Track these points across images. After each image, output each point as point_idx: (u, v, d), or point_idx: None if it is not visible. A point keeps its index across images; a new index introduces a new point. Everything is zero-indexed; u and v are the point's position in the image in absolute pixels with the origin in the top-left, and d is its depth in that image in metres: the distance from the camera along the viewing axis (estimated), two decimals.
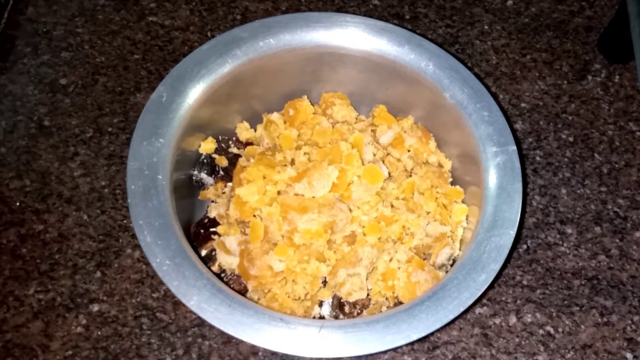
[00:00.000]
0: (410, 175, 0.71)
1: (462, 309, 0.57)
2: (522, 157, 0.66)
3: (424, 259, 0.66)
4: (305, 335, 0.55)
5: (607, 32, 0.88)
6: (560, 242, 0.75)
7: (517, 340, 0.69)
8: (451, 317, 0.57)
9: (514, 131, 0.66)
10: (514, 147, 0.65)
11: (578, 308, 0.71)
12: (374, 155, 0.69)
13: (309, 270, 0.62)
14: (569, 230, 0.76)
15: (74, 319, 0.66)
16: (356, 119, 0.75)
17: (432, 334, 0.57)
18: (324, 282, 0.65)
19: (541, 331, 0.69)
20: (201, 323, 0.67)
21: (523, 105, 0.83)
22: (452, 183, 0.72)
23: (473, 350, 0.68)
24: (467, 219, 0.69)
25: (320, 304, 0.66)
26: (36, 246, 0.70)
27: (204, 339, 0.66)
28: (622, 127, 0.83)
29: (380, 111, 0.74)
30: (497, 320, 0.70)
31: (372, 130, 0.72)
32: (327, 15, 0.70)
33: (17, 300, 0.67)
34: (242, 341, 0.65)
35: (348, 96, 0.76)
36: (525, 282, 0.71)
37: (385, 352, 0.58)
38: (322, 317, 0.66)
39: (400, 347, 0.57)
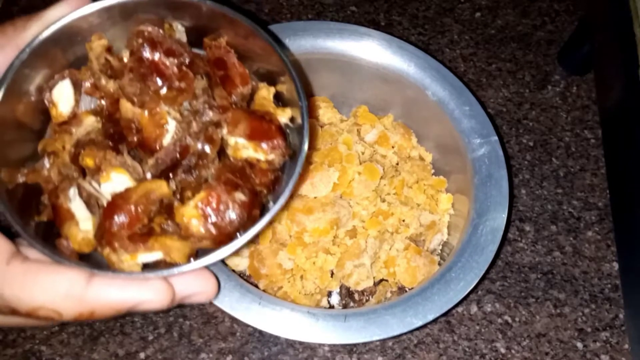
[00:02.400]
0: (397, 170, 0.73)
1: (469, 289, 0.59)
2: (504, 147, 0.70)
3: (418, 246, 0.69)
4: (333, 325, 0.56)
5: (567, 46, 0.90)
6: (519, 239, 0.77)
7: (477, 327, 0.71)
8: (460, 296, 0.59)
9: (493, 123, 0.70)
10: (496, 138, 0.68)
11: (534, 300, 0.73)
12: (363, 153, 0.71)
13: (318, 263, 0.64)
14: (527, 228, 0.78)
15: None
16: (340, 120, 0.77)
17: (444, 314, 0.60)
18: (331, 273, 0.66)
19: (500, 320, 0.72)
20: (182, 304, 0.69)
21: (488, 111, 0.83)
22: (434, 174, 0.74)
23: (437, 336, 0.70)
24: (452, 206, 0.72)
25: (329, 294, 0.68)
26: None
27: (185, 319, 0.68)
28: (578, 135, 0.85)
29: (363, 111, 0.76)
30: (460, 309, 0.72)
31: (357, 130, 0.74)
32: (313, 24, 0.72)
33: None
34: (222, 321, 0.68)
35: (330, 99, 0.77)
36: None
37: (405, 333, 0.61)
38: (331, 307, 0.68)
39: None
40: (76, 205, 0.46)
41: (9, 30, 0.46)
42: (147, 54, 0.48)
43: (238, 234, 0.45)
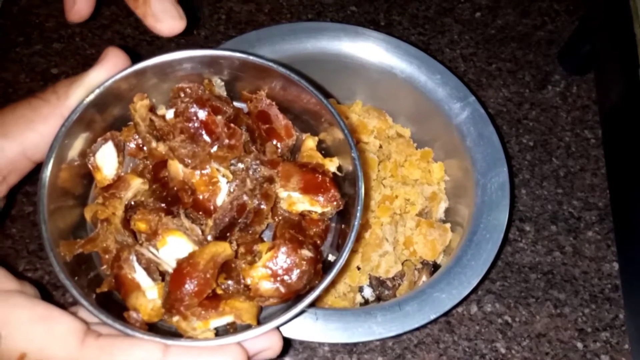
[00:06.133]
0: (383, 153, 0.73)
1: (497, 246, 0.62)
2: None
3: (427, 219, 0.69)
4: (391, 317, 0.57)
5: (567, 46, 0.90)
6: (519, 239, 0.77)
7: (477, 328, 0.71)
8: (493, 255, 0.62)
9: (467, 86, 0.71)
10: (473, 97, 0.69)
11: (534, 300, 0.73)
12: None
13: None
14: (527, 228, 0.78)
15: (61, 297, 0.67)
16: None
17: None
18: (358, 268, 0.67)
19: (500, 320, 0.72)
20: None
21: (488, 110, 0.83)
22: (417, 147, 0.75)
23: (437, 336, 0.70)
24: (445, 172, 0.72)
25: (361, 289, 0.68)
26: (26, 226, 0.70)
27: None
28: (578, 134, 0.85)
29: (332, 104, 0.76)
30: (460, 309, 0.72)
31: None
32: (269, 30, 0.72)
33: None
34: None
35: None
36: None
37: (456, 306, 0.61)
38: (366, 300, 0.68)
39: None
40: (140, 274, 0.45)
41: (52, 99, 0.45)
42: (195, 112, 0.47)
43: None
